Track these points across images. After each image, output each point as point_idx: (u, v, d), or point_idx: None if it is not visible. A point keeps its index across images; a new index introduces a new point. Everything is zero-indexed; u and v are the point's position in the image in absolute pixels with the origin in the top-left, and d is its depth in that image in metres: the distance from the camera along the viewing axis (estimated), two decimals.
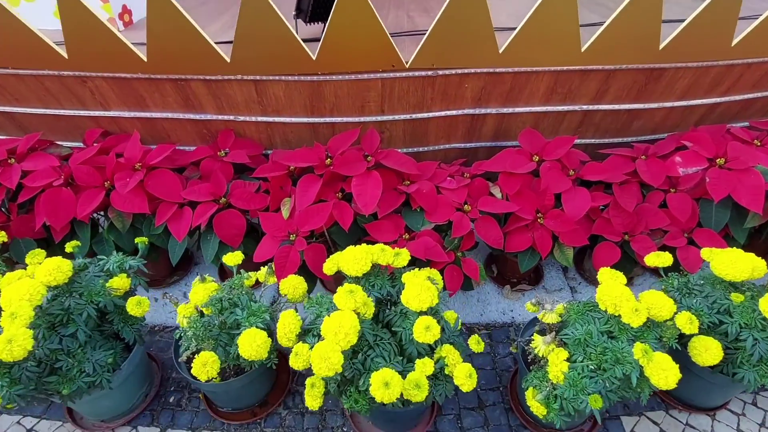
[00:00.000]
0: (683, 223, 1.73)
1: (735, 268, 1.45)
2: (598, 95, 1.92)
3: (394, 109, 1.90)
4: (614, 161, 1.89)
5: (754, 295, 1.52)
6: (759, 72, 1.95)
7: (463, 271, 1.73)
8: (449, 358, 1.38)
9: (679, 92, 1.97)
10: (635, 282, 2.19)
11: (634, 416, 1.75)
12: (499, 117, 1.97)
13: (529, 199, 1.76)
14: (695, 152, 1.79)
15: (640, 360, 1.28)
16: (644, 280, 2.20)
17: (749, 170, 1.73)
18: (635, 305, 1.33)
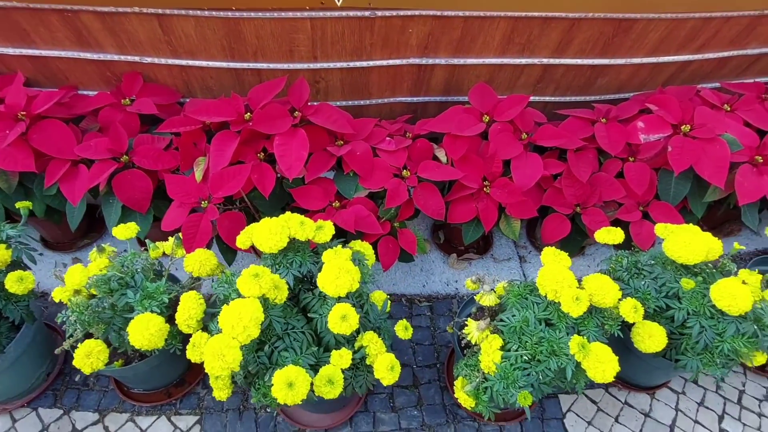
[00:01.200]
0: (639, 195, 1.59)
1: (688, 250, 1.32)
2: (560, 47, 1.71)
3: (329, 55, 1.64)
4: (572, 124, 1.71)
5: (707, 279, 1.41)
6: (737, 27, 1.76)
7: (400, 244, 1.56)
8: (371, 348, 1.23)
9: (649, 47, 1.77)
10: (586, 252, 2.09)
11: (572, 395, 1.68)
12: (450, 69, 1.74)
13: (476, 166, 1.58)
14: (660, 117, 1.62)
15: (576, 355, 1.16)
16: (596, 250, 2.09)
17: (715, 140, 1.57)
18: (576, 293, 1.20)
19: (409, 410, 1.62)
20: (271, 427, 1.56)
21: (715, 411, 1.67)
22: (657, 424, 1.62)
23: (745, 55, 1.92)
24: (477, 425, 1.59)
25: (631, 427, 1.61)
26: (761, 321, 1.31)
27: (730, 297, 1.24)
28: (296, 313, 1.25)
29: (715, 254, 1.38)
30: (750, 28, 1.78)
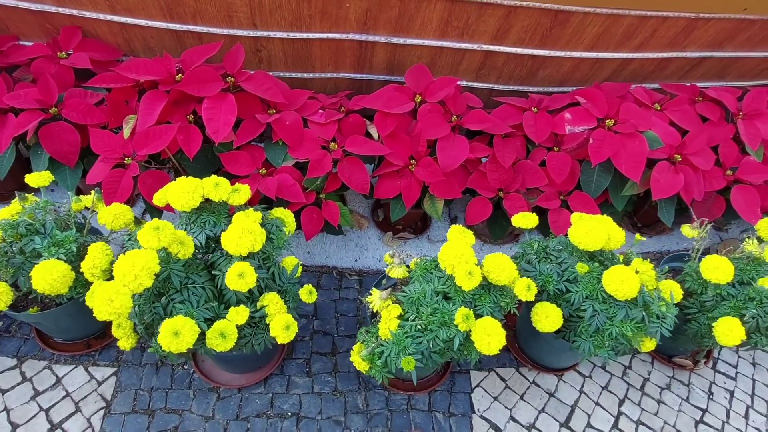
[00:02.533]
0: (558, 184, 1.64)
1: (588, 237, 1.38)
2: (499, 35, 1.74)
3: (268, 24, 1.65)
4: (504, 111, 1.75)
5: (608, 266, 1.47)
6: (674, 28, 1.81)
7: (324, 215, 1.60)
8: (270, 307, 1.28)
9: (588, 42, 1.81)
10: (521, 239, 2.14)
11: (483, 371, 1.75)
12: (391, 47, 1.76)
13: (404, 143, 1.62)
14: (586, 110, 1.67)
15: (459, 325, 1.21)
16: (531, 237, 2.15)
17: (635, 135, 1.63)
18: (469, 268, 1.25)
19: (324, 376, 1.67)
20: (186, 383, 1.61)
21: (617, 395, 1.75)
22: (559, 404, 1.70)
23: (686, 57, 1.97)
24: (387, 394, 1.65)
25: (534, 405, 1.68)
26: (649, 308, 1.37)
27: (619, 282, 1.31)
28: (201, 270, 1.29)
29: (616, 243, 1.44)
30: (687, 30, 1.83)
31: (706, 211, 1.83)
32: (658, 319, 1.37)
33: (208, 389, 1.60)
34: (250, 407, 1.57)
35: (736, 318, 1.45)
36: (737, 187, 1.75)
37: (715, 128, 1.82)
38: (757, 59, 2.11)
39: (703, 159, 1.68)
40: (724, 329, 1.43)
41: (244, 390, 1.61)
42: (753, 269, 1.57)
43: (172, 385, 1.60)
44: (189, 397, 1.58)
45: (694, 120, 1.81)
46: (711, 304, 1.55)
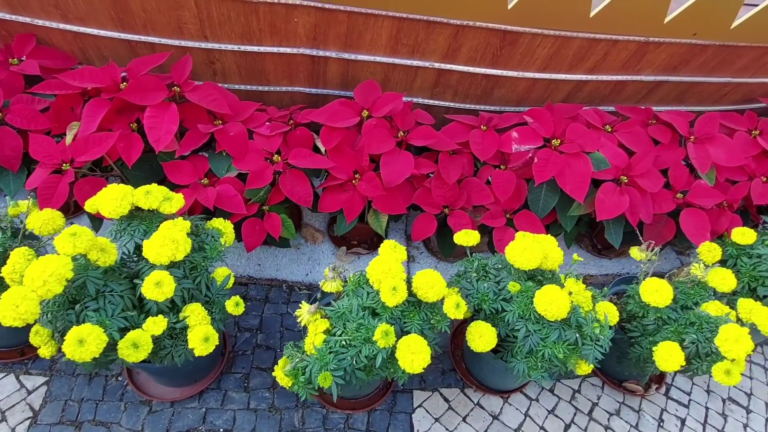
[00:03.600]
0: (503, 202, 1.63)
1: (524, 256, 1.36)
2: (449, 53, 1.75)
3: (219, 36, 1.67)
4: (453, 128, 1.75)
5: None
6: (625, 52, 1.82)
7: (265, 227, 1.59)
8: (192, 318, 1.26)
9: (540, 63, 1.82)
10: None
11: (427, 391, 1.71)
12: (343, 63, 1.78)
13: (349, 157, 1.62)
14: (533, 129, 1.67)
15: (378, 341, 1.19)
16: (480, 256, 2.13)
17: (579, 155, 1.63)
18: (394, 284, 1.23)
19: (262, 392, 1.64)
20: (119, 395, 1.57)
21: (564, 420, 1.71)
22: (503, 427, 1.66)
23: (641, 81, 1.99)
24: (325, 412, 1.62)
25: (476, 428, 1.64)
26: (582, 330, 1.35)
27: (548, 302, 1.29)
28: (123, 278, 1.27)
29: (553, 263, 1.42)
30: (639, 54, 1.84)
31: (657, 233, 1.82)
32: (592, 342, 1.35)
33: (140, 402, 1.56)
34: (181, 422, 1.54)
35: (676, 343, 1.42)
36: (686, 211, 1.74)
37: (666, 151, 1.82)
38: (716, 84, 2.12)
39: (650, 181, 1.68)
40: (663, 354, 1.40)
41: (177, 404, 1.57)
42: (697, 293, 1.55)
43: (103, 396, 1.56)
44: (119, 409, 1.54)
45: (645, 142, 1.81)
46: (652, 328, 1.53)
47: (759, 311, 1.40)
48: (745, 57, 1.97)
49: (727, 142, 1.81)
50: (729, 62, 1.99)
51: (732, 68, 2.04)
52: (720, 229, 1.82)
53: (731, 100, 2.30)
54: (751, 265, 1.71)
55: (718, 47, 1.88)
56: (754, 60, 2.00)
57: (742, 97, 2.30)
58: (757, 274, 1.69)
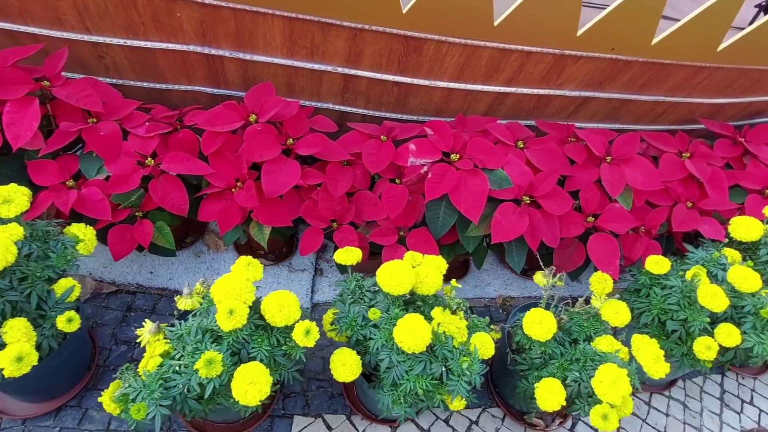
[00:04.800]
0: (394, 219, 1.52)
1: (392, 280, 1.26)
2: (352, 57, 1.65)
3: (101, 29, 1.56)
4: (351, 137, 1.65)
5: (424, 312, 1.35)
6: (542, 64, 1.72)
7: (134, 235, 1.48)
8: (9, 335, 1.14)
9: (452, 72, 1.72)
10: None
11: (310, 417, 1.60)
12: (241, 63, 1.67)
13: (231, 164, 1.51)
14: (431, 142, 1.57)
15: (200, 371, 1.08)
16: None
17: (476, 172, 1.52)
18: (232, 306, 1.13)
19: None
20: None
21: None
22: None
23: (566, 96, 1.88)
24: None
25: None
26: (448, 363, 1.24)
27: (407, 333, 1.18)
28: None
29: (429, 288, 1.31)
30: (558, 67, 1.74)
31: (568, 258, 1.71)
32: (458, 377, 1.24)
33: None
34: None
35: (557, 380, 1.31)
36: (595, 236, 1.64)
37: (581, 171, 1.72)
38: (649, 103, 2.02)
39: (555, 202, 1.57)
40: (544, 392, 1.30)
41: (29, 422, 1.46)
42: (591, 326, 1.45)
43: None
44: None
45: (559, 161, 1.71)
46: (539, 362, 1.42)
47: (645, 350, 1.29)
48: (676, 75, 1.88)
49: (644, 164, 1.71)
50: (659, 80, 1.89)
51: (663, 87, 1.94)
52: (634, 256, 1.72)
53: (670, 120, 2.21)
54: (662, 297, 1.61)
55: (643, 64, 1.78)
56: (685, 79, 1.90)
57: (681, 117, 2.20)
58: (667, 307, 1.59)
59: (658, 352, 1.28)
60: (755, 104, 2.24)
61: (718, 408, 1.89)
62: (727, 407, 1.90)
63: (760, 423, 1.89)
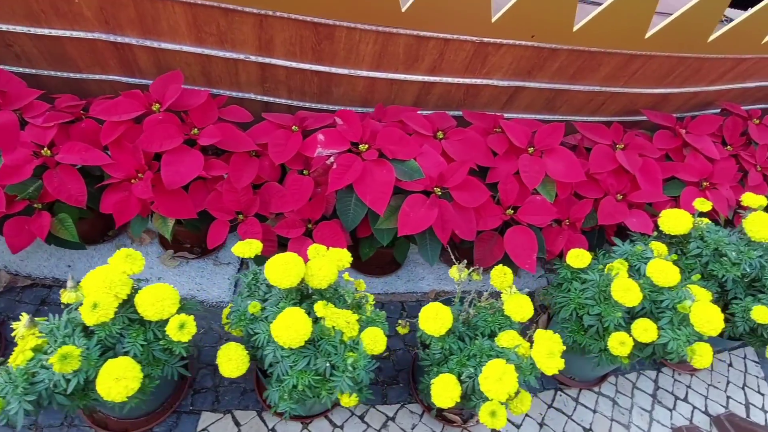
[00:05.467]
0: (298, 211, 1.49)
1: (277, 273, 1.22)
2: (263, 45, 1.60)
3: (2, 17, 1.52)
4: (262, 128, 1.61)
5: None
6: (463, 52, 1.67)
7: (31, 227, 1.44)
8: None
9: (370, 60, 1.67)
10: None
11: (219, 413, 1.57)
12: (151, 51, 1.63)
13: (131, 154, 1.47)
14: (340, 132, 1.53)
15: (54, 365, 1.05)
16: None
17: (382, 163, 1.48)
18: (96, 299, 1.09)
19: None
20: None
21: None
22: None
23: (496, 86, 1.84)
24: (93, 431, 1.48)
25: None
26: (331, 359, 1.21)
27: (284, 327, 1.15)
28: None
29: (321, 282, 1.27)
30: (480, 55, 1.69)
31: (489, 252, 1.67)
32: (342, 373, 1.20)
33: None
34: None
35: (453, 376, 1.28)
36: (513, 229, 1.60)
37: (503, 162, 1.67)
38: (585, 93, 1.97)
39: (469, 194, 1.53)
40: (438, 388, 1.26)
41: None
42: (495, 321, 1.41)
43: None
44: None
45: (480, 152, 1.67)
46: (439, 358, 1.38)
47: (539, 345, 1.25)
48: (608, 64, 1.83)
49: (567, 155, 1.66)
50: (590, 69, 1.85)
51: (597, 76, 1.89)
52: (555, 249, 1.68)
53: (612, 111, 2.16)
54: (580, 291, 1.57)
55: (570, 52, 1.73)
56: (619, 68, 1.85)
57: (623, 108, 2.15)
58: (584, 301, 1.55)
59: (553, 347, 1.24)
60: (701, 95, 2.19)
61: (650, 405, 1.85)
62: (659, 404, 1.86)
63: (692, 420, 1.85)
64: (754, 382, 2.03)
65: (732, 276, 1.65)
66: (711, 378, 2.00)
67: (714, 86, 2.14)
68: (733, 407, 1.92)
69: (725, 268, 1.66)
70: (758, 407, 1.94)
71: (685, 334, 1.45)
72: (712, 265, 1.68)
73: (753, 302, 1.64)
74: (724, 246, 1.67)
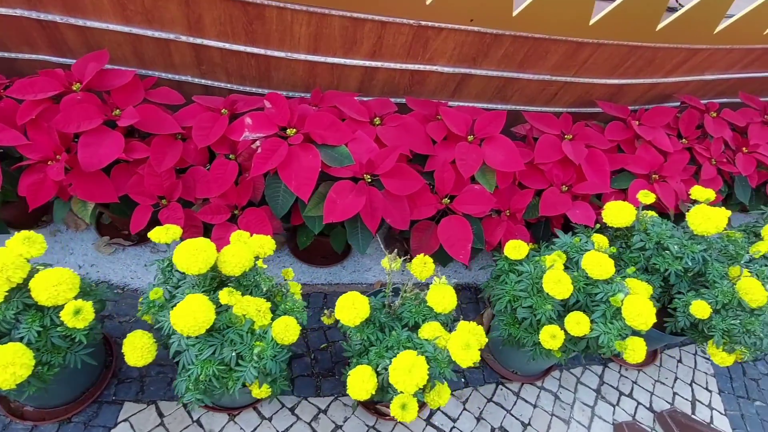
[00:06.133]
0: (222, 196, 1.44)
1: (182, 260, 1.17)
2: (193, 25, 1.55)
3: None
4: (191, 110, 1.56)
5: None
6: (402, 36, 1.63)
7: None
8: None
9: (306, 43, 1.62)
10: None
11: (142, 403, 1.53)
12: (78, 30, 1.57)
13: (49, 134, 1.42)
14: (267, 116, 1.48)
15: None
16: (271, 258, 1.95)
17: (308, 148, 1.43)
18: None
19: None
20: None
21: None
22: None
23: (441, 72, 1.79)
24: (7, 421, 1.43)
25: None
26: (236, 348, 1.16)
27: (183, 315, 1.10)
28: None
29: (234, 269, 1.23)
30: (420, 40, 1.65)
31: (425, 242, 1.63)
32: (248, 363, 1.16)
33: None
34: None
35: (369, 368, 1.24)
36: (447, 219, 1.56)
37: (443, 150, 1.63)
38: (536, 82, 1.93)
39: (401, 181, 1.49)
40: (354, 380, 1.22)
41: None
42: (419, 312, 1.37)
43: None
44: None
45: (418, 139, 1.62)
46: (359, 349, 1.34)
47: (455, 338, 1.21)
48: (555, 52, 1.78)
49: (507, 144, 1.62)
50: (538, 57, 1.80)
51: (546, 64, 1.85)
52: (494, 240, 1.64)
53: (567, 102, 2.12)
54: (515, 283, 1.54)
55: (514, 38, 1.68)
56: (568, 56, 1.81)
57: (578, 98, 2.11)
58: (518, 293, 1.51)
59: (470, 339, 1.20)
60: (659, 87, 2.15)
61: (593, 400, 1.83)
62: (603, 399, 1.84)
63: (636, 416, 1.82)
64: (703, 379, 2.00)
65: (674, 270, 1.62)
66: (659, 374, 1.97)
67: (671, 78, 2.10)
68: (680, 403, 1.90)
69: (667, 262, 1.63)
70: (704, 404, 1.92)
71: (616, 328, 1.42)
72: (654, 258, 1.65)
73: (694, 297, 1.62)
74: (666, 239, 1.64)
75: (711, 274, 1.63)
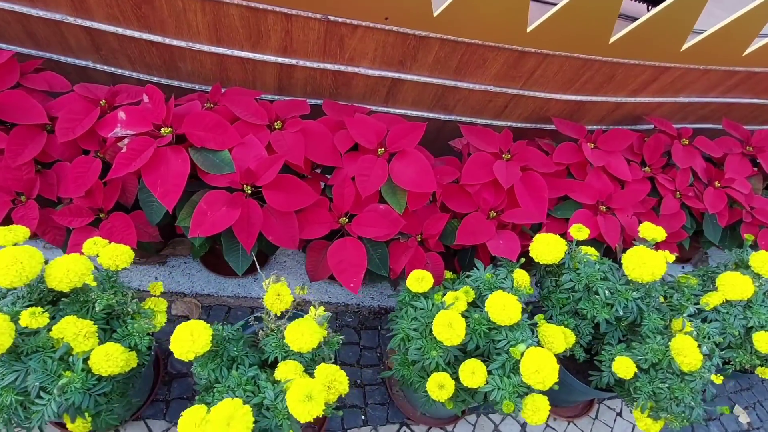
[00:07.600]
0: (83, 197, 1.29)
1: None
2: (77, 5, 1.40)
3: None
4: (68, 100, 1.41)
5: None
6: (313, 33, 1.45)
7: None
8: None
9: (207, 34, 1.47)
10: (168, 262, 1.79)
11: None
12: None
13: None
14: (142, 112, 1.32)
15: None
16: (180, 261, 1.80)
17: (179, 151, 1.27)
18: None
19: None
20: None
21: None
22: None
23: (366, 75, 1.61)
24: None
25: None
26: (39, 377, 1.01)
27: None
28: None
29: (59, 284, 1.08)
30: (335, 38, 1.48)
31: (321, 264, 1.46)
32: (50, 395, 1.01)
33: None
34: None
35: (203, 408, 1.08)
36: (339, 241, 1.38)
37: (349, 163, 1.45)
38: (480, 92, 1.73)
39: (287, 195, 1.32)
40: (185, 423, 1.06)
41: None
42: (280, 347, 1.20)
43: None
44: None
45: (323, 147, 1.45)
46: (205, 384, 1.18)
47: (296, 387, 1.03)
48: (495, 60, 1.59)
49: (419, 161, 1.43)
50: (476, 65, 1.61)
51: (486, 74, 1.65)
52: (397, 267, 1.46)
53: (520, 117, 1.92)
54: (411, 319, 1.35)
55: (443, 42, 1.50)
56: (510, 66, 1.61)
57: (532, 113, 1.91)
58: (410, 332, 1.33)
59: (314, 389, 1.03)
60: (626, 106, 1.93)
61: None
62: None
63: None
64: None
65: (603, 318, 1.41)
66: (592, 428, 1.76)
67: (638, 98, 1.88)
68: None
69: (596, 308, 1.43)
70: None
71: (512, 384, 1.23)
72: (583, 303, 1.45)
73: (622, 351, 1.41)
74: (596, 282, 1.43)
75: (646, 326, 1.42)
